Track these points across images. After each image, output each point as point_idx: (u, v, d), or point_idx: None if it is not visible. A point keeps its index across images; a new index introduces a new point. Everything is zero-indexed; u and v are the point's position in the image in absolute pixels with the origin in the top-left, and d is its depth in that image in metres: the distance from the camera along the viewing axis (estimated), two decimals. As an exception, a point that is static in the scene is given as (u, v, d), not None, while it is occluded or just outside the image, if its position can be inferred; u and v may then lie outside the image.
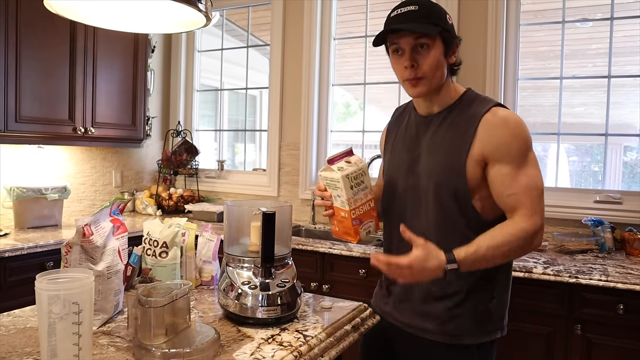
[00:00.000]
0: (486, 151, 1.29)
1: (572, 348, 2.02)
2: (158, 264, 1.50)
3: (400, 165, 1.45)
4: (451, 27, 1.35)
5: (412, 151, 1.42)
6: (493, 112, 1.31)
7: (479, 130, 1.30)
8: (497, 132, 1.29)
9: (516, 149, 1.28)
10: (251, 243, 1.32)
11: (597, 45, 2.80)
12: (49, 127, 2.74)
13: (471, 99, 1.38)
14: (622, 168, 3.39)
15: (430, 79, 1.33)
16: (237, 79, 3.94)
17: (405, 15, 1.31)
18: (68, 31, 2.80)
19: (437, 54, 1.32)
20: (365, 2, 3.27)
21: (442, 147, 1.35)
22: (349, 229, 1.34)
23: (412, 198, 1.40)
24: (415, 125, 1.45)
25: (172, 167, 3.66)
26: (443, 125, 1.37)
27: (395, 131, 1.53)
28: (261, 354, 1.07)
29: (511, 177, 1.27)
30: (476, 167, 1.30)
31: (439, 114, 1.39)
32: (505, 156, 1.27)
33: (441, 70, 1.34)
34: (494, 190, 1.30)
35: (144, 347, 1.01)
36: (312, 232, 3.16)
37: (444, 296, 1.37)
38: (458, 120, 1.35)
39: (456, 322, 1.36)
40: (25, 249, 2.32)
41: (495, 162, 1.28)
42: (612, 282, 1.91)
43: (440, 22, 1.31)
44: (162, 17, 1.39)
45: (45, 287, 0.92)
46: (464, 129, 1.32)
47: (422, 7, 1.31)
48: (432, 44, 1.31)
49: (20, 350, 1.05)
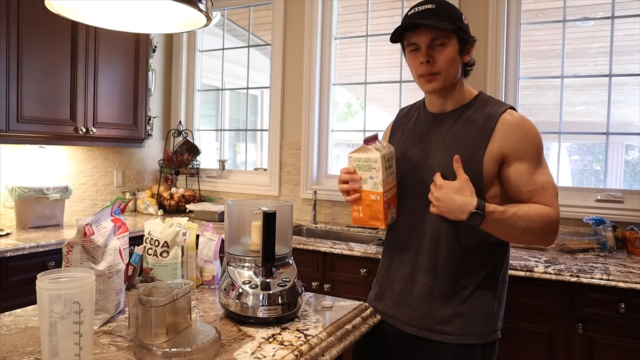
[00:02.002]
0: (505, 149, 1.32)
1: (574, 347, 2.02)
2: (159, 264, 1.50)
3: (409, 160, 1.45)
4: (466, 27, 1.38)
5: (423, 147, 1.44)
6: (510, 113, 1.36)
7: (497, 128, 1.33)
8: (516, 132, 1.33)
9: (534, 149, 1.33)
10: (252, 242, 1.32)
11: (598, 44, 2.79)
12: (50, 127, 2.75)
13: (486, 101, 1.42)
14: (624, 167, 3.39)
15: (445, 75, 1.36)
16: (238, 79, 3.94)
17: (423, 13, 1.34)
18: (69, 31, 2.81)
19: (452, 52, 1.35)
20: (366, 2, 3.26)
21: (459, 143, 1.37)
22: (378, 212, 1.33)
23: (421, 193, 1.39)
24: (426, 122, 1.47)
25: (174, 167, 3.66)
26: (459, 122, 1.39)
27: (402, 128, 1.54)
28: (262, 353, 1.07)
29: (530, 174, 1.31)
30: (492, 164, 1.33)
31: (454, 112, 1.42)
32: (524, 155, 1.32)
33: (456, 68, 1.37)
34: (513, 186, 1.33)
35: (145, 347, 1.01)
36: (313, 231, 3.16)
37: (447, 295, 1.37)
38: (474, 118, 1.38)
39: (460, 322, 1.35)
40: (27, 248, 2.33)
41: (515, 160, 1.32)
42: (613, 281, 1.91)
43: (457, 21, 1.34)
44: (163, 17, 1.39)
45: (46, 286, 0.92)
46: (482, 127, 1.35)
47: (439, 5, 1.35)
48: (448, 41, 1.34)
49: (22, 350, 1.05)
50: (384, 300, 1.49)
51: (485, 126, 1.35)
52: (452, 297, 1.36)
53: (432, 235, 1.38)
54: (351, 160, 1.36)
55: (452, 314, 1.36)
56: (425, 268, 1.39)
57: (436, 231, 1.37)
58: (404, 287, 1.44)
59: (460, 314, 1.36)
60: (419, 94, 1.57)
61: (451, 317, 1.36)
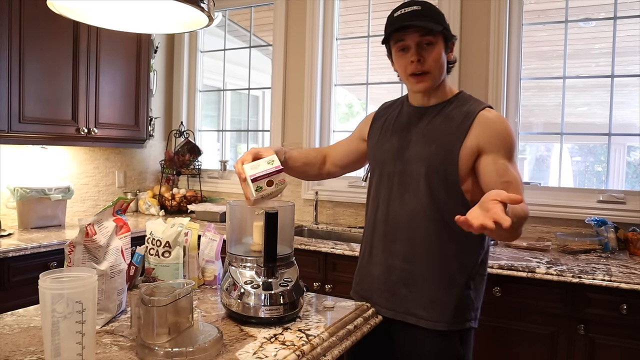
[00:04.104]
0: (482, 142, 1.38)
1: (576, 348, 2.01)
2: (161, 264, 1.50)
3: (389, 149, 1.52)
4: (449, 27, 1.45)
5: (402, 138, 1.50)
6: (488, 111, 1.42)
7: (474, 124, 1.39)
8: (493, 127, 1.39)
9: (508, 146, 1.39)
10: (254, 242, 1.32)
11: (600, 45, 2.79)
12: (52, 127, 2.75)
13: (466, 99, 1.48)
14: (626, 168, 3.38)
15: (434, 73, 1.42)
16: (240, 80, 3.94)
17: (410, 14, 1.39)
18: (71, 32, 2.81)
19: (440, 51, 1.42)
20: (367, 2, 3.27)
21: (437, 136, 1.43)
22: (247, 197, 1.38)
23: (399, 181, 1.47)
24: (407, 115, 1.53)
25: (175, 168, 3.66)
26: (438, 117, 1.46)
27: (383, 118, 1.60)
28: (264, 353, 1.07)
29: (505, 167, 1.37)
30: (468, 158, 1.39)
31: (434, 106, 1.48)
32: (500, 149, 1.37)
33: (443, 66, 1.44)
34: (488, 176, 1.37)
35: (147, 346, 1.01)
36: (314, 232, 3.16)
37: (424, 281, 1.43)
38: (453, 114, 1.44)
39: (437, 308, 1.41)
40: (29, 249, 2.33)
41: (491, 153, 1.37)
42: (615, 282, 1.91)
43: (442, 22, 1.42)
44: (165, 18, 1.39)
45: (48, 286, 0.92)
46: (460, 122, 1.41)
47: (424, 7, 1.41)
48: (436, 41, 1.40)
49: (24, 349, 1.05)
50: (364, 286, 1.57)
51: (463, 122, 1.41)
52: (429, 283, 1.42)
53: (409, 222, 1.44)
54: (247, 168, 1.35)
55: (429, 300, 1.42)
56: (403, 255, 1.45)
57: (413, 219, 1.44)
58: (382, 273, 1.50)
59: (436, 300, 1.42)
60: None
61: (428, 303, 1.42)
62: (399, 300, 1.45)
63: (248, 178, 1.32)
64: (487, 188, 1.34)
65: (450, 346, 1.43)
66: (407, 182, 1.45)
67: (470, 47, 2.83)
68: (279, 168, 1.35)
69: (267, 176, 1.32)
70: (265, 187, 1.32)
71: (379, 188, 1.53)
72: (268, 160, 1.36)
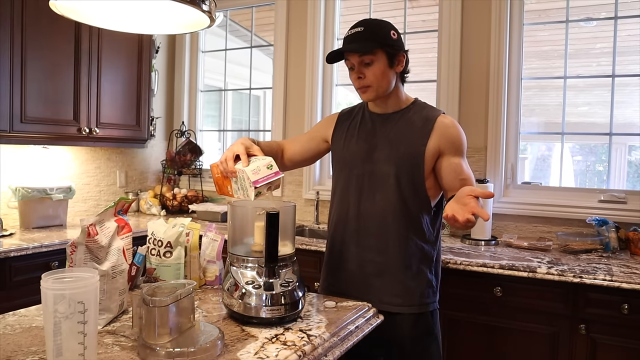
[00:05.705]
0: (441, 145, 1.57)
1: (577, 348, 2.01)
2: (162, 264, 1.50)
3: (356, 152, 1.66)
4: (395, 41, 1.57)
5: (369, 142, 1.65)
6: (444, 116, 1.61)
7: (435, 128, 1.58)
8: (451, 132, 1.59)
9: (462, 147, 1.60)
10: (255, 243, 1.32)
11: (601, 45, 2.79)
12: (53, 127, 2.75)
13: (422, 105, 1.66)
14: (627, 167, 3.38)
15: (376, 87, 1.57)
16: (241, 80, 3.94)
17: (352, 37, 1.56)
18: (73, 32, 2.81)
19: (380, 66, 1.55)
20: (368, 2, 3.27)
21: (403, 139, 1.60)
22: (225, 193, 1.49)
23: (368, 182, 1.63)
24: (370, 121, 1.69)
25: (176, 168, 3.67)
26: (401, 122, 1.63)
27: (347, 122, 1.74)
28: (265, 353, 1.07)
29: (461, 166, 1.58)
30: (430, 158, 1.58)
31: (395, 113, 1.65)
32: (457, 150, 1.58)
33: (387, 79, 1.58)
34: (447, 175, 1.57)
35: (148, 347, 1.02)
36: (315, 232, 3.16)
37: (395, 271, 1.58)
38: (414, 119, 1.62)
39: (409, 294, 1.58)
40: (31, 248, 2.34)
41: (450, 154, 1.58)
42: (616, 281, 1.91)
43: (382, 39, 1.54)
44: (166, 18, 1.40)
45: (50, 286, 0.92)
46: (421, 126, 1.59)
47: (366, 28, 1.55)
48: (375, 58, 1.54)
49: (26, 349, 1.06)
50: (335, 281, 1.69)
51: (424, 126, 1.59)
52: (400, 272, 1.58)
53: (381, 218, 1.60)
54: (238, 172, 1.39)
55: (401, 287, 1.58)
56: (376, 248, 1.60)
57: (385, 215, 1.59)
58: (356, 267, 1.63)
59: (407, 287, 1.58)
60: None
61: (400, 290, 1.58)
62: (375, 291, 1.59)
63: (248, 182, 1.34)
64: (447, 184, 1.57)
65: (426, 326, 1.61)
66: (376, 181, 1.61)
67: (471, 47, 2.83)
68: (280, 174, 1.38)
69: (268, 181, 1.36)
70: (265, 192, 1.37)
71: (347, 188, 1.67)
72: (267, 164, 1.38)
